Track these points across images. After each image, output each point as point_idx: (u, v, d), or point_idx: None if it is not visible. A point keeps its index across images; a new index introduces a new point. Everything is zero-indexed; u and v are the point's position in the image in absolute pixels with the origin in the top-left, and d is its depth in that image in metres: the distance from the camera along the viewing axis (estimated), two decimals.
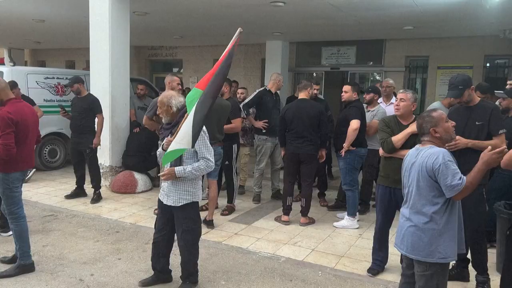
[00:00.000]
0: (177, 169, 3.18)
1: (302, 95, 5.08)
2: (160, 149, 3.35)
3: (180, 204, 3.25)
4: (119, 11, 6.46)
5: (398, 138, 3.57)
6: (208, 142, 3.28)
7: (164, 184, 3.33)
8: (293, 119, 4.95)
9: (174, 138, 3.11)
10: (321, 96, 7.38)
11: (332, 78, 11.71)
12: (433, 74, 10.16)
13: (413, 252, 2.59)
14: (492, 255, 3.84)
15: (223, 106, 4.98)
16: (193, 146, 3.12)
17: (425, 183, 2.51)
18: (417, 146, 2.72)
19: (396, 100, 3.78)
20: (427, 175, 2.50)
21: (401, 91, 3.81)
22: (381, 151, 3.73)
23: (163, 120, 3.40)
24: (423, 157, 2.56)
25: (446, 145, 3.37)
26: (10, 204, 3.56)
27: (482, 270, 3.47)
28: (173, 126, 3.26)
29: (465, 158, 3.36)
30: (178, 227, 3.32)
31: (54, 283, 3.49)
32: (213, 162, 3.27)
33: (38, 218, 5.13)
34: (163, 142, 3.30)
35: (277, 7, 6.87)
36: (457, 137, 3.38)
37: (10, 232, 3.95)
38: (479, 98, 3.52)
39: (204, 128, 3.25)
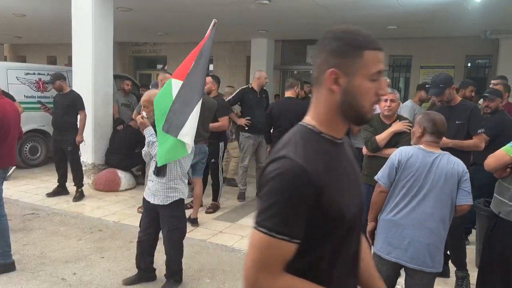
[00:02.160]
0: (150, 128, 3.24)
1: (288, 93, 5.11)
2: (146, 148, 3.32)
3: (168, 203, 3.23)
4: (103, 7, 6.36)
5: (382, 137, 3.61)
6: None
7: (150, 183, 3.31)
8: (279, 117, 4.97)
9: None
10: None
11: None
12: (416, 73, 10.31)
13: (430, 263, 2.46)
14: (471, 251, 3.93)
15: (209, 104, 4.96)
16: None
17: (450, 188, 2.43)
18: (420, 147, 2.52)
19: (386, 100, 3.77)
20: (456, 181, 2.43)
21: (389, 90, 3.84)
22: (364, 150, 3.77)
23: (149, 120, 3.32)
24: (449, 162, 2.44)
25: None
26: None
27: (461, 266, 3.55)
28: None
29: None
30: (163, 226, 3.30)
31: (35, 282, 3.43)
32: (153, 156, 3.23)
33: (18, 216, 5.03)
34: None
35: (262, 5, 6.87)
36: None
37: None
38: (460, 98, 3.59)
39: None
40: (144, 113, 3.26)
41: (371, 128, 3.73)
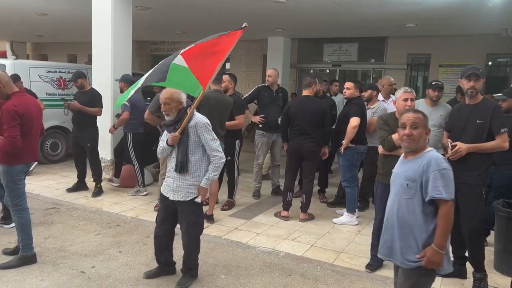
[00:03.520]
0: (203, 183, 3.28)
1: (306, 92, 5.09)
2: (163, 144, 3.34)
3: (189, 199, 3.28)
4: (122, 5, 6.46)
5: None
6: (214, 134, 3.33)
7: (170, 180, 3.34)
8: (296, 115, 4.97)
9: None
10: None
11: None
12: (435, 72, 10.17)
13: None
14: (489, 252, 3.87)
15: (226, 102, 5.00)
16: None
17: None
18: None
19: (406, 100, 3.70)
20: None
21: (408, 90, 3.78)
22: (380, 149, 3.74)
23: (167, 118, 3.32)
24: None
25: (449, 155, 3.31)
26: (14, 196, 3.59)
27: (479, 268, 3.50)
28: (176, 122, 3.28)
29: (468, 162, 3.32)
30: (182, 221, 3.35)
31: (55, 274, 3.53)
32: (222, 152, 3.34)
33: (40, 210, 5.17)
34: (167, 137, 3.31)
35: (279, 3, 6.88)
36: (457, 142, 3.35)
37: (13, 224, 4.01)
38: (482, 97, 3.47)
39: (207, 120, 3.32)
40: (177, 133, 3.26)
41: (387, 127, 3.70)
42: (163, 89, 3.47)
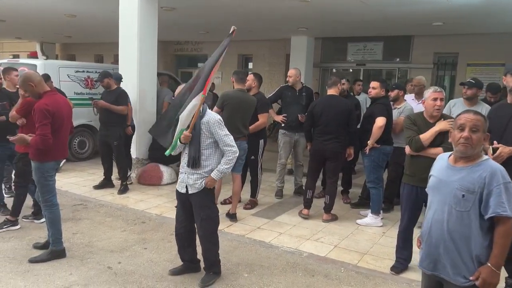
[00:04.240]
0: (214, 174, 3.29)
1: (331, 91, 5.05)
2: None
3: (198, 190, 3.31)
4: (148, 6, 6.57)
5: (426, 137, 3.50)
6: (226, 129, 3.35)
7: (183, 175, 3.39)
8: (321, 115, 4.94)
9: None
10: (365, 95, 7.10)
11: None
12: (463, 71, 9.90)
13: None
14: None
15: (249, 102, 5.01)
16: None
17: None
18: None
19: (436, 100, 3.59)
20: None
21: (438, 89, 3.70)
22: (407, 150, 3.68)
23: None
24: None
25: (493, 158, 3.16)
26: (44, 192, 3.71)
27: None
28: None
29: (509, 166, 3.19)
30: (196, 217, 3.39)
31: (83, 269, 3.62)
32: (236, 147, 3.34)
33: (68, 206, 5.32)
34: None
35: (303, 3, 6.84)
36: (499, 145, 3.20)
37: (43, 219, 4.13)
38: None
39: (219, 116, 3.37)
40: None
41: (414, 127, 3.63)
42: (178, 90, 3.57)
